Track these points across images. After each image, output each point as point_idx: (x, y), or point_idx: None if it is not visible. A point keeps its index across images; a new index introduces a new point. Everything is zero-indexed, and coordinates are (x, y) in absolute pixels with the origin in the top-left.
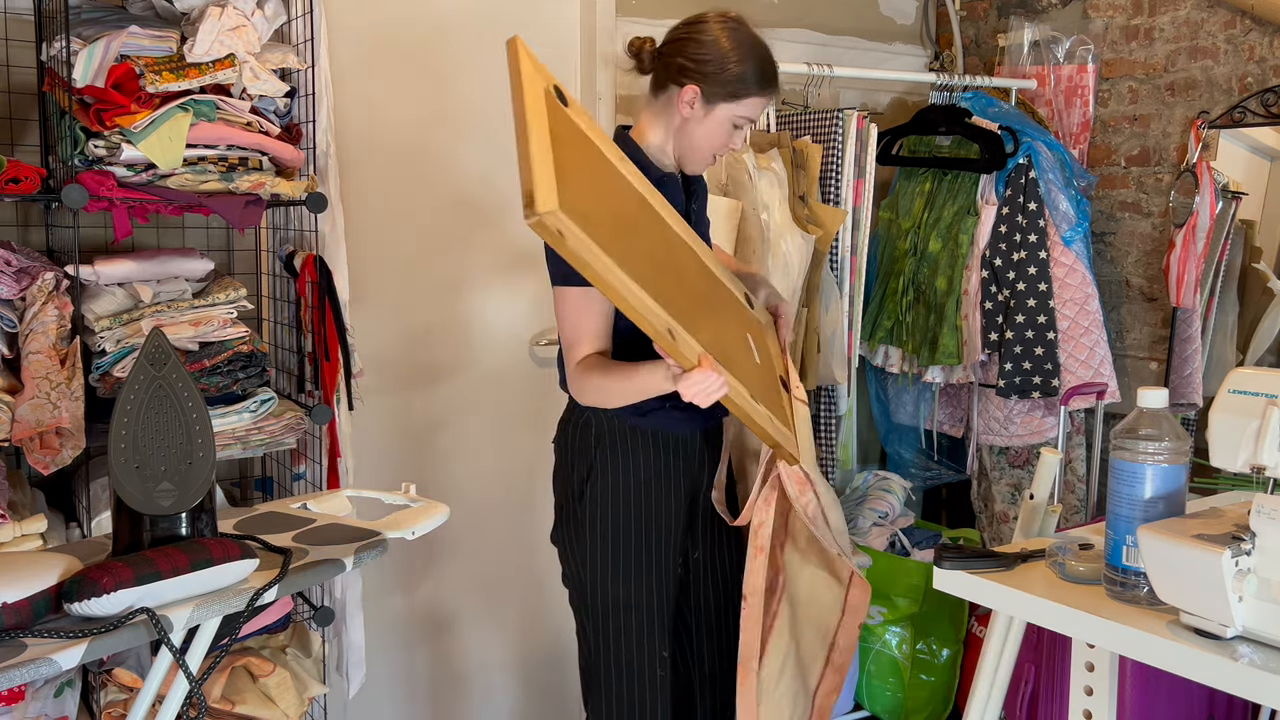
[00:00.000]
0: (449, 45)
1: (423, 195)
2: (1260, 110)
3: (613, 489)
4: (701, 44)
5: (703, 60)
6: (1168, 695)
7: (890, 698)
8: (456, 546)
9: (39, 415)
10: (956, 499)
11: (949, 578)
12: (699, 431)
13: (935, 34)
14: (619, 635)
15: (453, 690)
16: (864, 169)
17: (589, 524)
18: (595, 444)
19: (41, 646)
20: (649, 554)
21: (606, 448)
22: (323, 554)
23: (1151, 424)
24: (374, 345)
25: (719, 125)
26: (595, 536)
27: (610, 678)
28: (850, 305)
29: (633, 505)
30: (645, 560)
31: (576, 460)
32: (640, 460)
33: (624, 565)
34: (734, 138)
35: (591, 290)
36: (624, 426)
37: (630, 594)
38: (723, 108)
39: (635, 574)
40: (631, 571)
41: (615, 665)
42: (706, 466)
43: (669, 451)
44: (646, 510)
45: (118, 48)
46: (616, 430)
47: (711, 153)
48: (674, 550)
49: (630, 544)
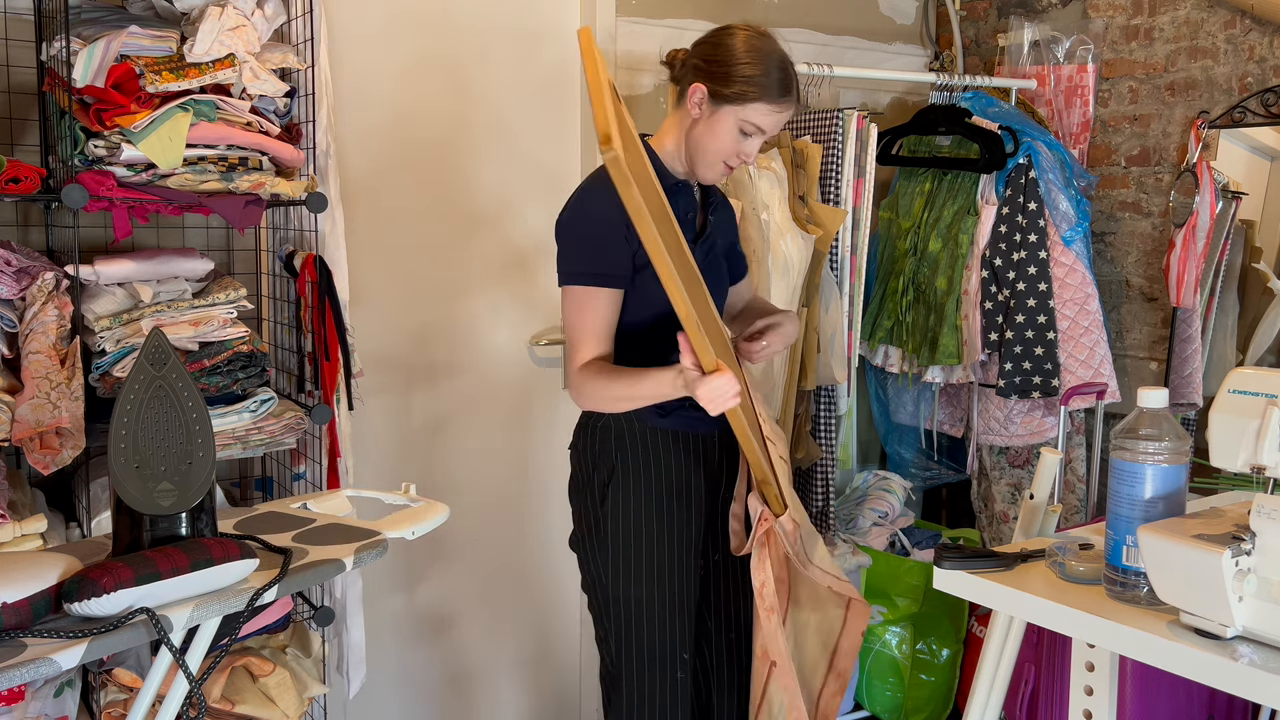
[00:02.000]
0: (449, 45)
1: (423, 195)
2: (1260, 110)
3: (634, 491)
4: (718, 46)
5: (714, 60)
6: (1168, 695)
7: (890, 698)
8: (456, 546)
9: (39, 415)
10: (956, 499)
11: (949, 578)
12: (717, 430)
13: (935, 34)
14: (641, 637)
15: (453, 690)
16: (864, 169)
17: (611, 527)
18: (616, 447)
19: (41, 646)
20: (671, 555)
21: (628, 450)
22: (323, 554)
23: (1151, 424)
24: (374, 345)
25: (725, 129)
26: (618, 540)
27: (633, 680)
28: (850, 305)
29: (655, 507)
30: (668, 562)
31: (597, 464)
32: (662, 461)
33: (647, 567)
34: (743, 146)
35: (598, 290)
36: (645, 428)
37: (654, 596)
38: (727, 110)
39: (659, 576)
40: (655, 574)
41: (639, 667)
42: (725, 467)
43: (690, 451)
44: (669, 511)
45: (118, 48)
46: (637, 432)
47: (720, 159)
48: (695, 551)
49: (653, 546)
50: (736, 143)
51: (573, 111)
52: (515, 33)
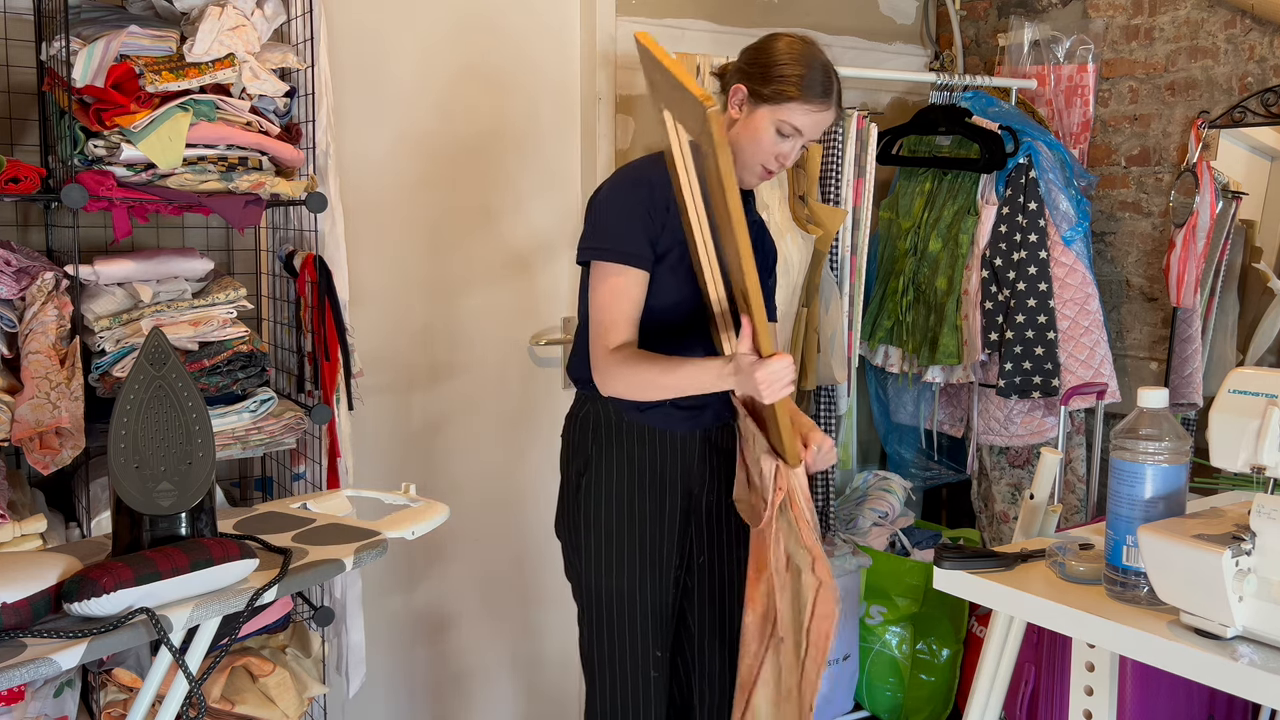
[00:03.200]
0: (449, 45)
1: (423, 195)
2: (1260, 110)
3: (606, 483)
4: (761, 50)
5: (755, 62)
6: (1168, 695)
7: (890, 698)
8: (456, 546)
9: (39, 415)
10: (956, 499)
11: (949, 578)
12: (698, 430)
13: (935, 34)
14: (611, 628)
15: (453, 690)
16: (864, 169)
17: (584, 516)
18: (593, 438)
19: (41, 646)
20: (642, 549)
21: (602, 442)
22: (323, 554)
23: (1151, 424)
24: (374, 345)
25: (762, 129)
26: (590, 529)
27: (604, 670)
28: (850, 305)
29: (626, 500)
30: (639, 556)
31: (575, 453)
32: (635, 455)
33: (617, 559)
34: (781, 147)
35: (627, 270)
36: (622, 420)
37: (623, 588)
38: (764, 110)
39: (629, 569)
40: (625, 566)
41: (609, 659)
42: (708, 467)
43: (666, 448)
44: (640, 506)
45: (117, 47)
46: (613, 424)
47: (758, 161)
48: (670, 549)
49: (624, 538)
50: (774, 144)
51: (573, 112)
52: (515, 33)
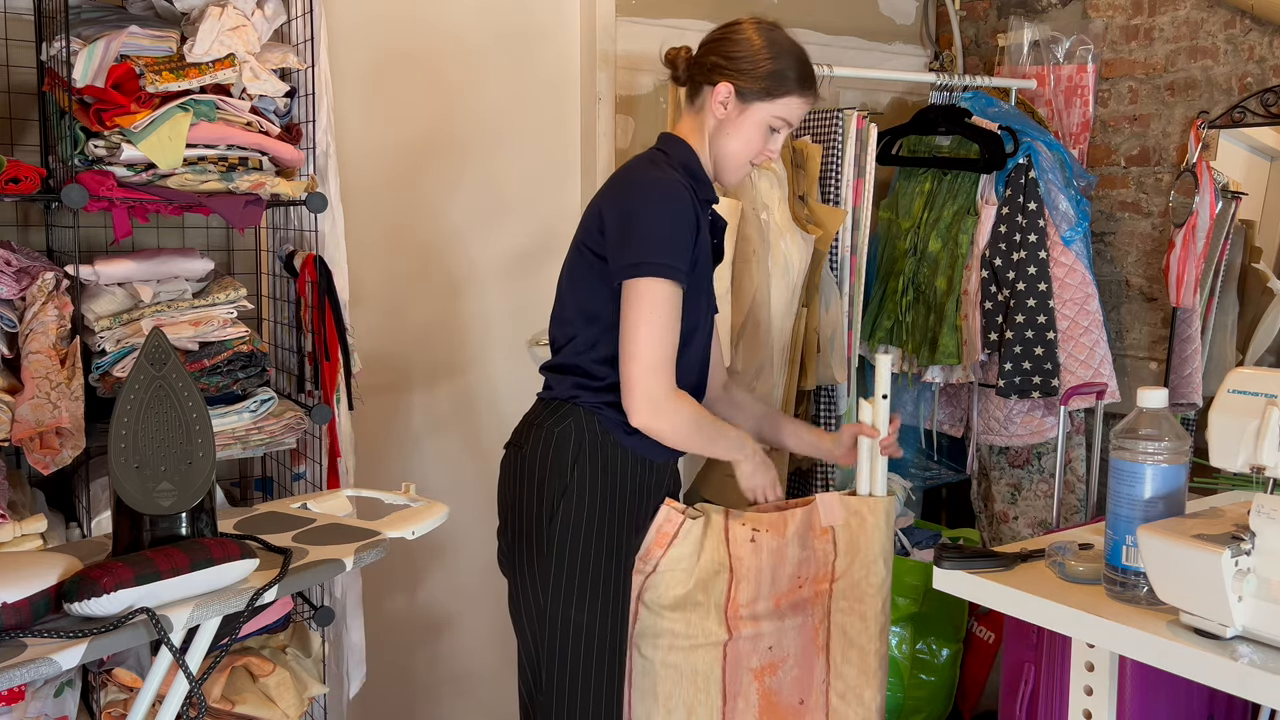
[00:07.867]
0: (450, 45)
1: (423, 195)
2: (1260, 110)
3: (587, 509)
4: (735, 42)
5: (736, 57)
6: (1168, 695)
7: (890, 698)
8: (457, 546)
9: (39, 415)
10: (956, 499)
11: (949, 578)
12: (672, 459)
13: (935, 34)
14: (576, 665)
15: (453, 690)
16: (864, 169)
17: (558, 545)
18: (574, 459)
19: (41, 646)
20: (616, 580)
21: (586, 464)
22: (323, 554)
23: (1151, 424)
24: (374, 345)
25: (755, 127)
26: (564, 558)
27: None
28: (850, 305)
29: (605, 527)
30: (612, 587)
31: (549, 476)
32: (617, 479)
33: (590, 590)
34: (771, 143)
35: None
36: (607, 441)
37: (595, 621)
38: (758, 107)
39: (602, 600)
40: (599, 597)
41: (570, 698)
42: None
43: (646, 473)
44: (617, 533)
45: (118, 48)
46: (598, 445)
47: (747, 159)
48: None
49: (600, 567)
50: (765, 140)
51: (572, 112)
52: (515, 33)
